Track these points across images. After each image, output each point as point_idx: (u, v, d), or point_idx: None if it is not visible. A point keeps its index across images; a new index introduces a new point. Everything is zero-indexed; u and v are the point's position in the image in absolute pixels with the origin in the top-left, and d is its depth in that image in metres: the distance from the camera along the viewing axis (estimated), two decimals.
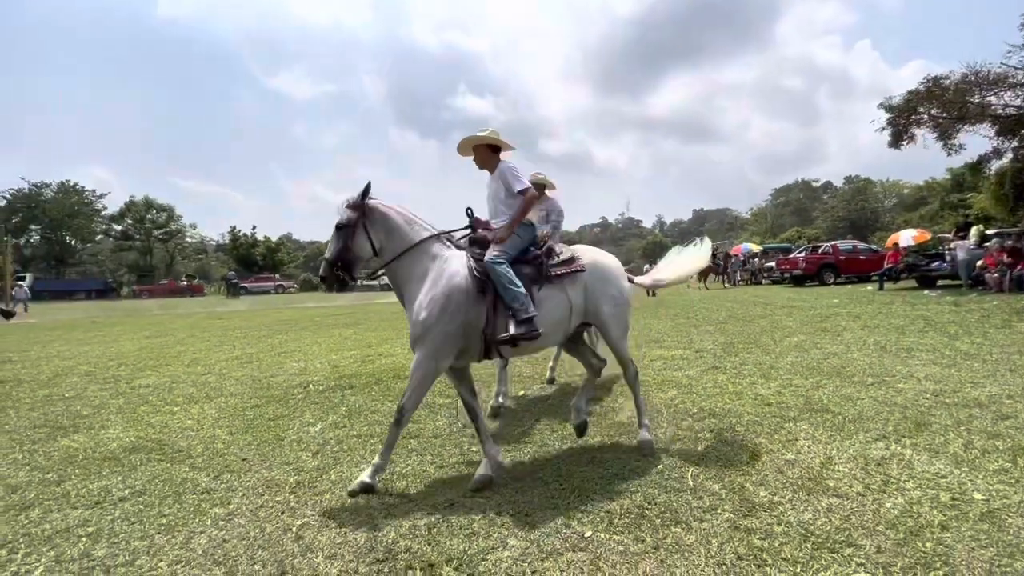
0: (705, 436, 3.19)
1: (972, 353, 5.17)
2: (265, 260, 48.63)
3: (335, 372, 5.79)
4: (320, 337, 9.33)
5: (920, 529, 2.03)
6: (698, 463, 2.76)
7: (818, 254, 19.40)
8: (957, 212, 29.16)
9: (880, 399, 3.74)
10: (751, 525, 2.11)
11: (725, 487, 2.46)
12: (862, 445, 2.90)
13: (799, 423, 3.32)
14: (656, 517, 2.22)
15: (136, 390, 5.29)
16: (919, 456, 2.71)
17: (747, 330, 7.62)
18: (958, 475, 2.48)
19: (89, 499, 2.66)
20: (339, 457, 3.12)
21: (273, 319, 14.15)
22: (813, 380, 4.40)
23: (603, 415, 3.74)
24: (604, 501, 2.38)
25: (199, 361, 7.04)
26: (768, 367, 5.02)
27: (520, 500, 2.44)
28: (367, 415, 4.02)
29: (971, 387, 3.94)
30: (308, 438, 3.52)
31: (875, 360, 5.07)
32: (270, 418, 4.05)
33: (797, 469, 2.62)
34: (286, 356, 7.22)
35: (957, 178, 35.80)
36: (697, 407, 3.79)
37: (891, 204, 63.09)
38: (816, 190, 76.62)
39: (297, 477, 2.83)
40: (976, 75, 14.37)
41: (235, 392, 5.02)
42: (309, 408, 4.31)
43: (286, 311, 17.87)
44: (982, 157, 16.92)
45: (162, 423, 4.03)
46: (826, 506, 2.24)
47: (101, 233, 53.74)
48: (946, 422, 3.20)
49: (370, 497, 2.54)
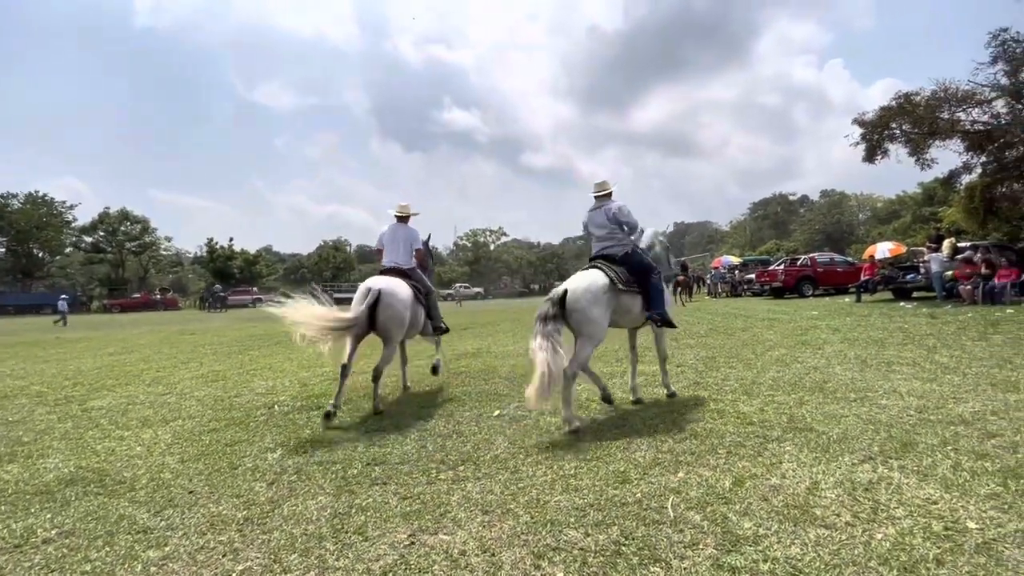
0: (686, 459, 3.03)
1: (952, 367, 5.13)
2: (243, 272, 47.72)
3: (303, 391, 5.53)
4: (293, 353, 9.01)
5: (914, 565, 1.88)
6: (679, 491, 2.60)
7: (797, 267, 19.64)
8: (929, 225, 29.96)
9: (864, 416, 3.64)
10: (735, 563, 1.95)
11: (707, 518, 2.30)
12: (848, 468, 2.77)
13: (783, 444, 3.19)
14: (633, 555, 2.04)
15: (87, 412, 4.96)
16: (907, 479, 2.59)
17: (728, 344, 7.54)
18: (949, 501, 2.35)
19: (10, 541, 2.39)
20: (295, 487, 2.88)
21: (247, 334, 13.73)
22: (796, 396, 4.29)
23: (580, 435, 3.56)
24: (578, 536, 2.20)
25: (161, 380, 6.70)
26: (750, 383, 4.92)
27: (487, 536, 2.25)
28: (332, 439, 3.78)
29: (954, 403, 3.87)
30: (265, 466, 3.27)
31: (857, 375, 4.99)
32: (227, 443, 3.79)
33: (783, 496, 2.47)
34: (255, 374, 6.92)
35: (929, 192, 36.89)
36: (678, 427, 3.64)
37: (865, 217, 64.75)
38: (793, 204, 78.31)
39: (246, 512, 2.60)
40: (945, 92, 14.80)
41: (194, 414, 4.74)
42: (271, 431, 4.06)
43: (260, 325, 17.41)
44: (953, 172, 17.42)
45: (108, 450, 3.74)
46: (814, 539, 2.09)
47: (71, 245, 52.21)
48: (932, 441, 3.09)
49: (323, 532, 2.32)
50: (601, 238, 4.41)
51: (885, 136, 16.10)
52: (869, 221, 61.78)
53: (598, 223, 4.42)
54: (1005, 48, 13.82)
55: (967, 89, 14.72)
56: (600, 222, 4.40)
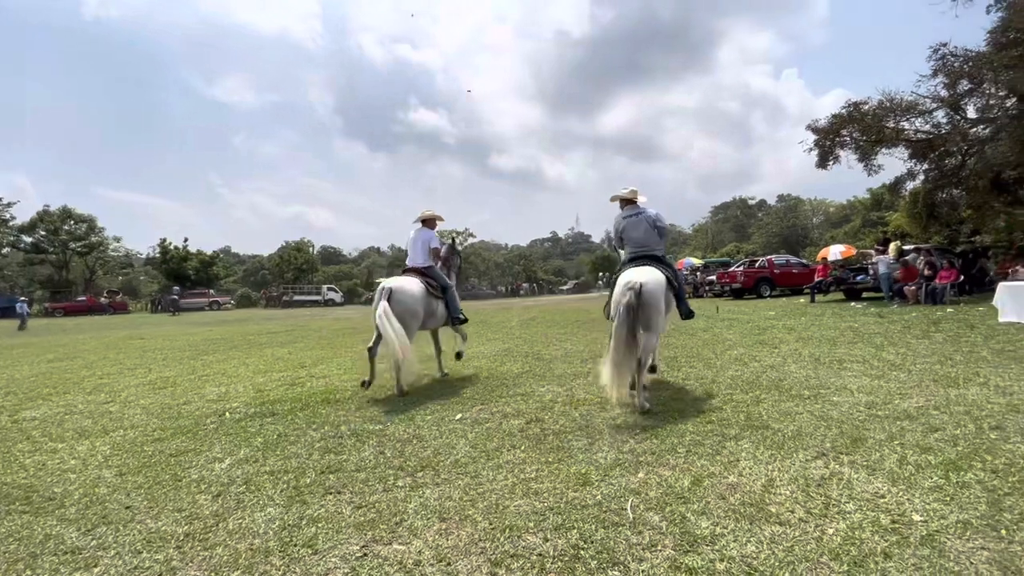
0: (647, 460, 3.03)
1: (897, 364, 5.35)
2: (199, 274, 45.85)
3: (258, 397, 5.31)
4: (250, 358, 8.69)
5: (863, 559, 1.92)
6: (639, 491, 2.59)
7: (755, 268, 20.25)
8: (877, 229, 31.44)
9: (817, 413, 3.74)
10: (692, 563, 1.94)
11: (666, 518, 2.30)
12: (802, 464, 2.83)
13: (740, 442, 3.23)
14: (592, 559, 2.01)
15: (18, 424, 4.62)
16: (857, 474, 2.66)
17: (690, 343, 7.68)
18: (896, 494, 2.42)
19: None
20: (243, 499, 2.74)
21: (202, 338, 13.17)
22: (753, 395, 4.38)
23: (542, 437, 3.53)
24: (537, 542, 2.16)
25: (104, 387, 6.32)
26: (710, 381, 5.00)
27: (444, 545, 2.18)
28: (285, 447, 3.62)
29: (900, 399, 4.02)
30: (211, 477, 3.10)
31: (811, 372, 5.15)
32: (172, 453, 3.58)
33: (739, 494, 2.50)
34: (207, 380, 6.61)
35: (877, 197, 38.71)
36: (639, 426, 3.65)
37: (819, 221, 67.52)
38: (752, 208, 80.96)
39: (188, 527, 2.44)
40: (891, 102, 15.55)
41: (137, 423, 4.47)
42: (220, 440, 3.86)
43: (216, 329, 16.75)
44: (898, 178, 18.29)
45: (38, 464, 3.48)
46: (769, 536, 2.11)
47: (9, 245, 49.01)
48: (880, 436, 3.19)
49: (269, 545, 2.20)
50: (639, 240, 4.77)
51: (836, 143, 16.80)
52: (822, 225, 64.52)
53: (638, 226, 4.78)
54: (944, 62, 14.62)
55: (910, 100, 15.53)
56: (640, 225, 4.77)
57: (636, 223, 4.80)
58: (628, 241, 4.84)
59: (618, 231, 4.95)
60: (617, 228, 4.96)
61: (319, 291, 48.03)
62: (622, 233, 4.89)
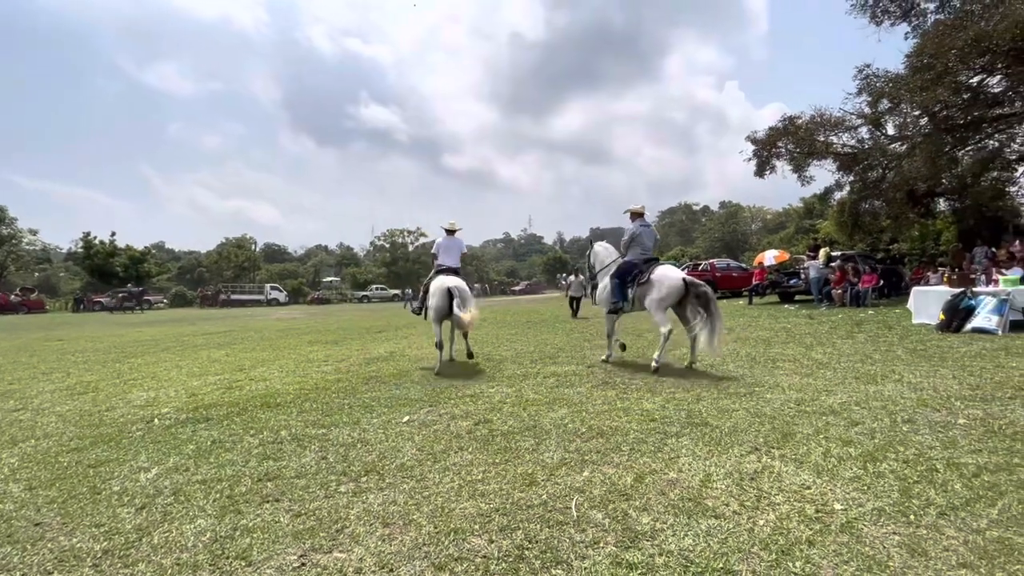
0: (592, 458, 3.09)
1: (824, 362, 5.71)
2: (127, 271, 42.82)
3: (191, 402, 5.02)
4: (184, 360, 8.20)
5: (790, 547, 2.03)
6: (583, 490, 2.63)
7: (699, 271, 21.08)
8: (808, 235, 33.46)
9: (752, 410, 3.93)
10: (632, 559, 1.99)
11: (608, 515, 2.35)
12: (737, 459, 2.96)
13: (681, 439, 3.35)
14: (536, 559, 2.02)
15: None
16: (787, 467, 2.81)
17: (636, 344, 7.89)
18: (820, 485, 2.58)
19: None
20: (170, 511, 2.58)
21: (130, 339, 12.33)
22: (694, 393, 4.55)
23: (490, 439, 3.52)
24: (482, 544, 2.15)
25: (13, 393, 5.80)
26: (654, 381, 5.15)
27: (386, 551, 2.13)
28: (219, 453, 3.44)
29: (826, 395, 4.29)
30: (135, 488, 2.90)
31: (747, 371, 5.41)
32: (91, 464, 3.33)
33: (679, 490, 2.58)
34: (134, 384, 6.19)
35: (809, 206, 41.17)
36: (586, 426, 3.71)
37: (757, 227, 71.09)
38: (696, 213, 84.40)
39: (107, 543, 2.27)
40: (821, 117, 16.61)
41: (52, 432, 4.13)
42: (147, 448, 3.62)
43: (146, 330, 15.73)
44: (827, 188, 19.61)
45: None
46: (705, 529, 2.19)
47: None
48: (807, 431, 3.40)
49: (198, 559, 2.08)
50: (649, 247, 6.18)
51: (773, 153, 17.78)
52: (760, 231, 68.01)
53: (650, 236, 6.22)
54: (868, 81, 15.77)
55: (838, 116, 16.65)
56: (651, 236, 6.24)
57: (649, 233, 6.21)
58: (639, 246, 6.13)
59: (633, 237, 6.15)
60: (633, 234, 6.16)
61: (261, 290, 46.05)
62: (636, 239, 6.13)
